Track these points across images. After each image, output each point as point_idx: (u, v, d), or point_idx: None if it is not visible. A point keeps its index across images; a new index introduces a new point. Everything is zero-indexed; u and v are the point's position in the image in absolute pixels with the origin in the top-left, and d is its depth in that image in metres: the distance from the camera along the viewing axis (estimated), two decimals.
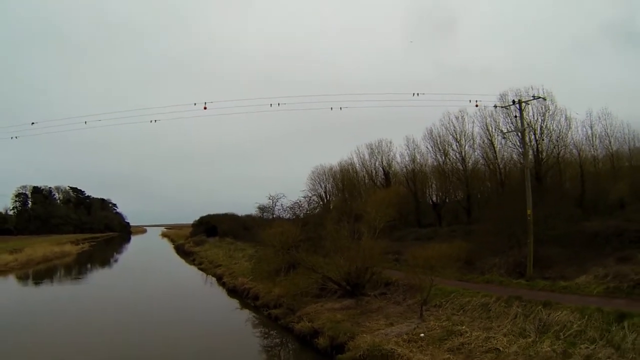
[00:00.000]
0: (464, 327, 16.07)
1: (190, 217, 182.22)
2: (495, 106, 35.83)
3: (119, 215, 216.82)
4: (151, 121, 43.00)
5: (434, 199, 58.09)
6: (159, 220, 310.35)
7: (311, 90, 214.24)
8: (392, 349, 14.89)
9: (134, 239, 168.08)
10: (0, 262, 55.91)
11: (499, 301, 17.52)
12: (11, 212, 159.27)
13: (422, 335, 16.15)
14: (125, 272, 55.85)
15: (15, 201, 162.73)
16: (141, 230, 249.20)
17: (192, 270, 52.90)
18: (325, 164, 75.55)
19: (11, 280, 48.48)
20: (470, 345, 14.58)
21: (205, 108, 34.98)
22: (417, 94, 31.96)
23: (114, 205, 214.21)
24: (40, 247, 74.71)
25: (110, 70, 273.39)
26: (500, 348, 14.06)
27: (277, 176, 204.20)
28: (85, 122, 43.03)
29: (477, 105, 36.03)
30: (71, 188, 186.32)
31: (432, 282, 19.45)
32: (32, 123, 40.46)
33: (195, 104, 35.40)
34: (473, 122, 50.26)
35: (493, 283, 21.98)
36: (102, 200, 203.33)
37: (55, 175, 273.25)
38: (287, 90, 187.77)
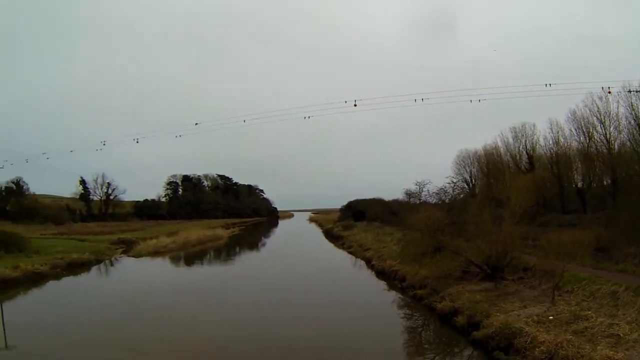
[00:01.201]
0: (590, 312, 16.94)
1: (336, 202, 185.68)
2: (630, 91, 34.87)
3: (266, 200, 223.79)
4: (305, 117, 46.10)
5: (579, 183, 56.52)
6: (306, 205, 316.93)
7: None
8: (520, 328, 16.27)
9: (282, 223, 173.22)
10: (161, 244, 61.49)
11: (627, 290, 18.09)
12: (163, 199, 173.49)
13: (550, 317, 17.28)
14: (275, 255, 59.72)
15: (167, 189, 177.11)
16: (288, 215, 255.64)
17: (342, 254, 55.09)
18: (470, 148, 75.33)
19: (169, 260, 53.51)
20: (593, 330, 15.44)
21: (355, 105, 37.23)
22: (550, 85, 32.04)
23: (261, 191, 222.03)
24: (194, 231, 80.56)
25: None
26: (621, 334, 14.75)
27: (422, 160, 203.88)
28: (244, 121, 46.87)
29: (609, 92, 35.26)
30: (219, 176, 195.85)
31: (564, 267, 20.40)
32: (196, 123, 44.88)
33: (345, 102, 37.77)
34: (617, 102, 47.00)
35: (626, 272, 22.13)
36: (249, 186, 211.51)
37: (204, 164, 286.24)
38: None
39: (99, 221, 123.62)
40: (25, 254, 43.52)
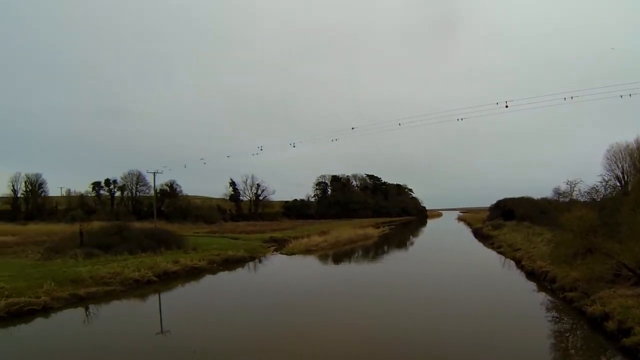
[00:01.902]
0: None
1: (485, 200, 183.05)
2: None
3: (415, 199, 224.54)
4: (458, 119, 46.56)
5: None
6: (454, 204, 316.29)
7: None
8: None
9: (430, 222, 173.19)
10: (312, 243, 63.25)
11: None
12: (312, 199, 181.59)
13: None
14: (424, 253, 60.30)
15: (316, 189, 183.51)
16: (437, 214, 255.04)
17: (491, 253, 54.15)
18: (621, 141, 71.90)
19: (321, 258, 54.69)
20: None
21: (506, 106, 36.87)
22: None
23: (410, 190, 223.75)
24: (345, 230, 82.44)
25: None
26: None
27: (568, 157, 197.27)
28: (400, 124, 47.95)
29: None
30: (368, 175, 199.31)
31: None
32: (352, 128, 46.72)
33: (497, 103, 37.54)
34: None
35: None
36: (398, 185, 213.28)
37: (353, 164, 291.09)
38: None
39: (249, 220, 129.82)
40: (184, 251, 46.91)
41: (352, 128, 48.12)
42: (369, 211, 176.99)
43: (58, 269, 32.93)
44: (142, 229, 51.80)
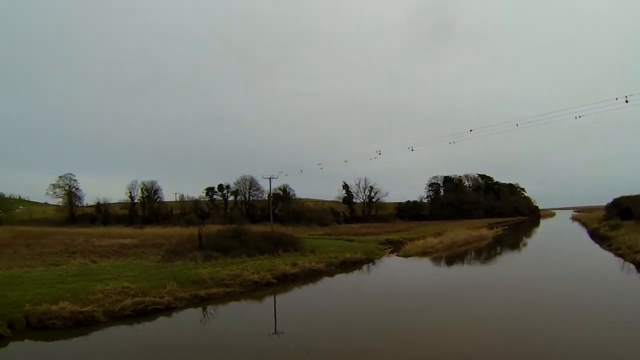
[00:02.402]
0: None
1: (600, 198, 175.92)
2: None
3: (527, 199, 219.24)
4: (576, 117, 44.70)
5: None
6: (568, 203, 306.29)
7: None
8: None
9: (543, 222, 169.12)
10: (428, 245, 61.83)
11: None
12: (425, 200, 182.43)
13: None
14: (539, 255, 57.47)
15: (429, 190, 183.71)
16: (550, 213, 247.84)
17: (608, 256, 50.59)
18: None
19: (438, 260, 53.52)
20: None
21: (626, 101, 34.78)
22: None
23: (522, 189, 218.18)
24: (460, 231, 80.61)
25: None
26: None
27: None
28: (517, 125, 46.61)
29: None
30: (480, 175, 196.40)
31: None
32: (470, 130, 45.97)
33: (617, 99, 35.51)
34: None
35: None
36: (510, 185, 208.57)
37: (463, 164, 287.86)
38: None
39: (362, 222, 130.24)
40: (301, 253, 47.06)
41: (470, 130, 47.01)
42: (482, 211, 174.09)
43: (179, 271, 33.82)
44: (259, 232, 52.33)
